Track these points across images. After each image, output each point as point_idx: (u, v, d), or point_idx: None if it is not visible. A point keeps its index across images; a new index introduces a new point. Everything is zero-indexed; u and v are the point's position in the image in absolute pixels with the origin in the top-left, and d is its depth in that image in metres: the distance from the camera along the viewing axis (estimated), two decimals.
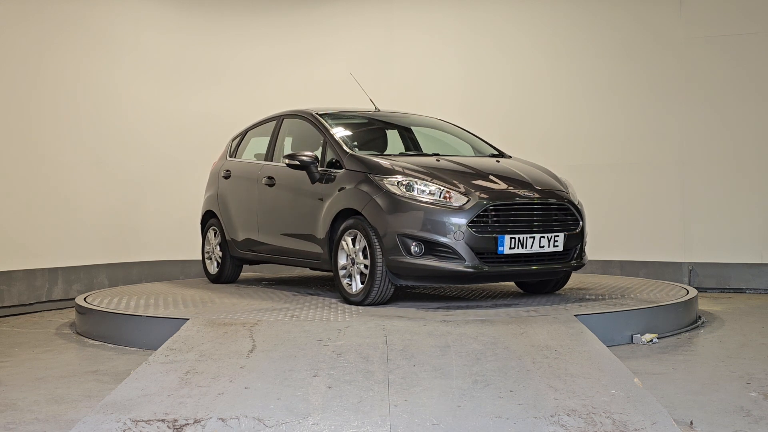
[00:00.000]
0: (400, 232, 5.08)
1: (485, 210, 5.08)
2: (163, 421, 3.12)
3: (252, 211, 6.48)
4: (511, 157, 6.27)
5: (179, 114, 8.53)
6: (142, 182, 8.26)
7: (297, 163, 5.78)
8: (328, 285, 6.80)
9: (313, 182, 5.78)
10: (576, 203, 5.56)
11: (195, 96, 8.67)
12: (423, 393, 3.39)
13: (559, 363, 3.78)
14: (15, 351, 5.23)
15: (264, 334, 4.36)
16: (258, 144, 7.00)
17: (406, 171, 5.33)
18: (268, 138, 6.79)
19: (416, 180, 5.22)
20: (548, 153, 7.73)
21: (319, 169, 5.76)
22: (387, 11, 8.91)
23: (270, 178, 6.27)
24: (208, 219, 7.13)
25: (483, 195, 5.15)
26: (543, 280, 5.83)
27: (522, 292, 6.08)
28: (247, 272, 8.35)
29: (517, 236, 5.13)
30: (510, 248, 5.11)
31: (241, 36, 9.01)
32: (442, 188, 5.16)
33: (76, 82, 7.76)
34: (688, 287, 6.24)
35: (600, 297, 5.71)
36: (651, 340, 5.01)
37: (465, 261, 5.03)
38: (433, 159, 5.74)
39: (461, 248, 5.02)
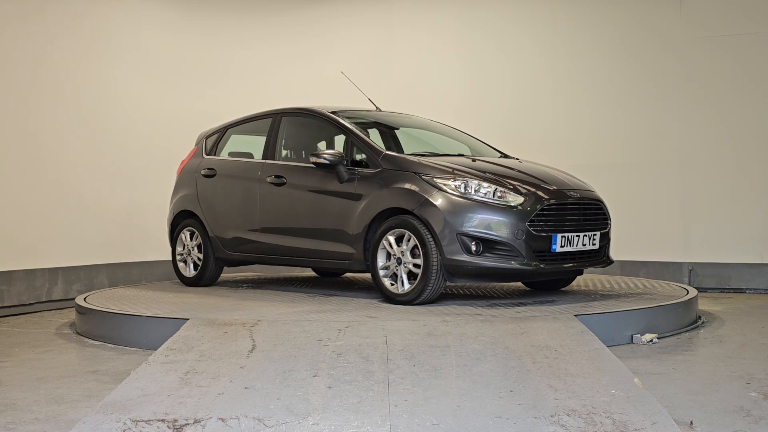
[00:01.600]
0: (460, 231, 5.12)
1: (542, 209, 5.21)
2: (163, 421, 3.12)
3: (250, 210, 6.35)
4: (518, 159, 6.29)
5: (180, 114, 8.53)
6: (142, 182, 8.26)
7: (326, 162, 5.66)
8: (329, 285, 6.80)
9: (341, 181, 5.70)
10: (605, 203, 5.77)
11: (195, 96, 8.67)
12: (423, 393, 3.39)
13: (559, 363, 3.78)
14: (15, 351, 5.23)
15: (264, 334, 4.36)
16: (240, 142, 6.91)
17: (456, 171, 5.37)
18: (256, 136, 6.74)
19: (470, 179, 5.28)
20: (548, 153, 7.73)
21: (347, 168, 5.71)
22: (387, 11, 8.91)
23: (278, 176, 6.15)
24: (181, 220, 6.90)
25: (539, 194, 5.29)
26: (553, 279, 5.98)
27: (527, 290, 6.16)
28: (248, 272, 8.36)
29: (566, 235, 5.32)
30: (561, 246, 5.28)
31: (241, 36, 9.01)
32: (495, 188, 5.25)
33: (77, 81, 7.76)
34: (688, 287, 6.24)
35: (600, 297, 5.71)
36: (651, 340, 5.01)
37: (524, 259, 5.15)
38: (466, 159, 5.82)
39: (521, 247, 5.13)
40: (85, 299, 6.00)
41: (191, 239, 6.81)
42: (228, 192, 6.56)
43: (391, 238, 5.37)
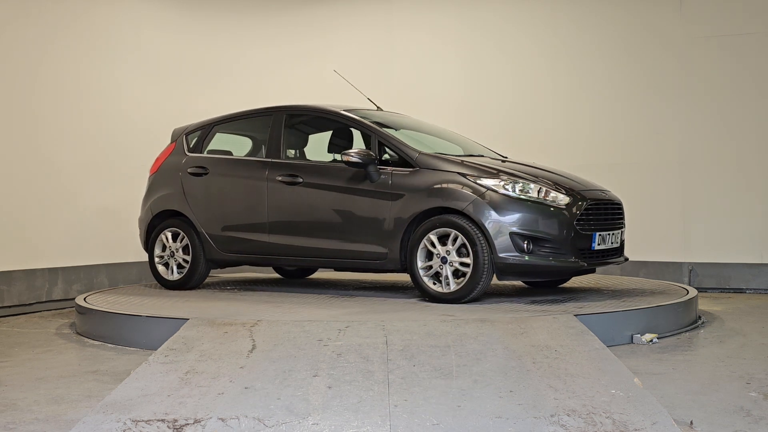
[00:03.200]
0: (512, 230, 5.24)
1: (585, 208, 5.43)
2: (163, 421, 3.12)
3: (256, 210, 6.18)
4: (507, 157, 6.34)
5: (180, 114, 8.50)
6: (142, 182, 8.23)
7: (358, 161, 5.61)
8: (329, 285, 6.80)
9: (373, 181, 5.66)
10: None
11: (196, 96, 8.67)
12: (423, 393, 3.39)
13: (559, 363, 3.78)
14: (15, 351, 5.23)
15: (264, 334, 4.36)
16: (228, 139, 6.81)
17: (500, 171, 5.48)
18: (246, 134, 6.67)
19: (516, 180, 5.40)
20: (548, 153, 7.73)
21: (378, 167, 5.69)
22: (387, 12, 8.91)
23: (290, 175, 6.03)
24: (159, 221, 6.64)
25: (580, 194, 5.49)
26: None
27: (527, 288, 6.23)
28: (242, 273, 8.35)
29: (602, 233, 5.56)
30: (598, 244, 5.52)
31: (241, 36, 9.01)
32: (540, 187, 5.38)
33: (77, 82, 7.76)
34: (688, 287, 6.24)
35: (600, 297, 5.71)
36: (651, 340, 5.01)
37: (571, 257, 5.34)
38: (491, 159, 5.90)
39: (569, 245, 5.32)
40: (85, 299, 6.00)
41: (175, 240, 6.54)
42: (225, 191, 6.38)
43: (434, 237, 5.39)
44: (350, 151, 5.66)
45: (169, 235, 6.57)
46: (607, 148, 8.16)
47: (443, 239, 5.38)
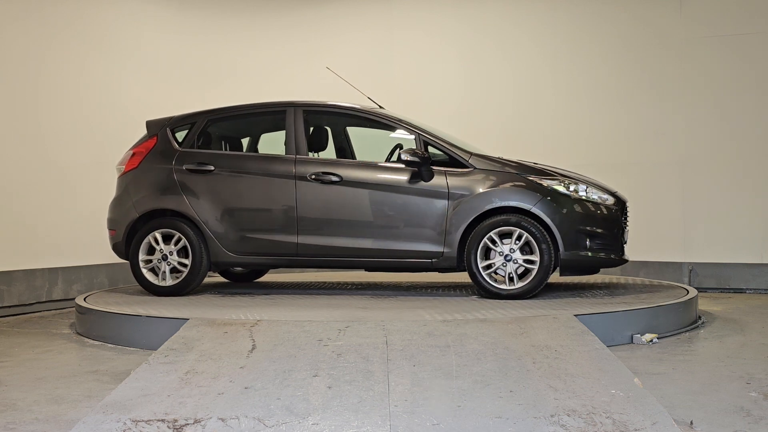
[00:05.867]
0: (578, 228, 5.57)
1: (622, 207, 5.87)
2: (163, 421, 3.12)
3: (280, 209, 5.94)
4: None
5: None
6: None
7: (417, 161, 5.66)
8: (329, 285, 6.80)
9: (426, 180, 5.72)
10: None
11: (196, 96, 8.66)
12: (423, 393, 3.39)
13: (559, 363, 3.78)
14: (15, 351, 5.23)
15: (264, 334, 4.36)
16: (227, 134, 6.64)
17: (555, 172, 5.79)
18: (251, 128, 6.59)
19: (571, 180, 5.73)
20: (549, 153, 7.73)
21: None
22: (387, 12, 8.91)
23: (326, 173, 5.87)
24: (142, 223, 6.18)
25: (615, 194, 5.89)
26: None
27: None
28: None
29: (626, 229, 5.98)
30: (624, 241, 5.90)
31: (242, 37, 9.01)
32: (586, 187, 5.74)
33: (78, 82, 7.76)
34: (688, 287, 6.24)
35: (600, 297, 5.71)
36: (651, 340, 5.01)
37: (620, 252, 5.80)
38: (527, 161, 6.08)
39: (617, 242, 5.76)
40: (85, 299, 6.00)
41: (167, 242, 6.08)
42: (238, 189, 6.07)
43: (495, 236, 5.57)
44: (409, 150, 5.71)
45: (159, 236, 6.09)
46: (607, 148, 8.17)
47: (504, 238, 5.59)
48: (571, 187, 5.65)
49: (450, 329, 4.41)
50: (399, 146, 6.23)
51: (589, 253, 5.60)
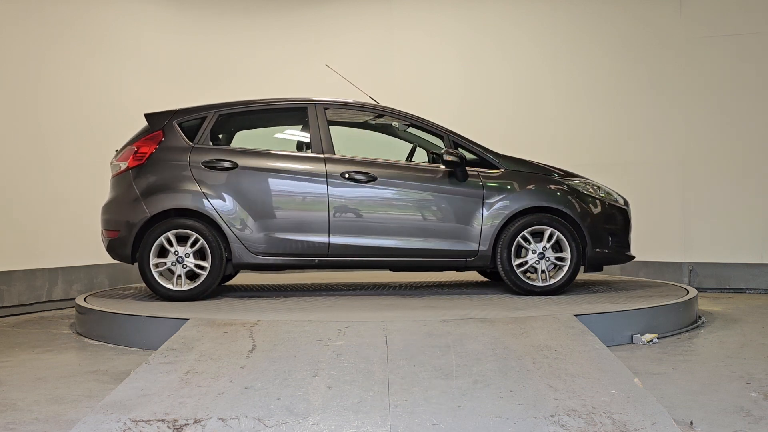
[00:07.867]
0: (603, 227, 5.91)
1: (629, 207, 6.21)
2: (163, 421, 3.12)
3: (312, 209, 5.78)
4: None
5: None
6: None
7: (456, 161, 5.80)
8: (329, 286, 6.80)
9: (461, 181, 5.85)
10: None
11: (198, 97, 8.63)
12: (423, 393, 3.39)
13: (559, 363, 3.78)
14: (15, 351, 5.23)
15: (264, 334, 4.36)
16: (241, 129, 6.56)
17: (575, 174, 6.09)
18: (269, 125, 6.56)
19: (590, 181, 6.08)
20: (549, 153, 7.73)
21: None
22: (387, 12, 8.91)
23: (359, 173, 5.81)
24: (152, 223, 5.80)
25: (621, 195, 6.21)
26: None
27: (487, 281, 6.94)
28: (247, 274, 8.35)
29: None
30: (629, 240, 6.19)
31: (242, 38, 9.01)
32: (599, 188, 6.07)
33: (78, 82, 7.75)
34: (688, 287, 6.25)
35: (600, 297, 5.71)
36: (651, 340, 5.01)
37: (629, 250, 6.09)
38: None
39: (629, 239, 6.08)
40: (85, 299, 6.00)
41: (182, 244, 5.76)
42: (264, 188, 5.81)
43: (528, 235, 5.81)
44: (449, 150, 5.83)
45: (173, 238, 5.76)
46: (607, 148, 8.17)
47: (534, 236, 5.84)
48: (592, 189, 5.98)
49: (450, 329, 4.41)
50: (417, 147, 6.45)
51: (610, 251, 5.91)
